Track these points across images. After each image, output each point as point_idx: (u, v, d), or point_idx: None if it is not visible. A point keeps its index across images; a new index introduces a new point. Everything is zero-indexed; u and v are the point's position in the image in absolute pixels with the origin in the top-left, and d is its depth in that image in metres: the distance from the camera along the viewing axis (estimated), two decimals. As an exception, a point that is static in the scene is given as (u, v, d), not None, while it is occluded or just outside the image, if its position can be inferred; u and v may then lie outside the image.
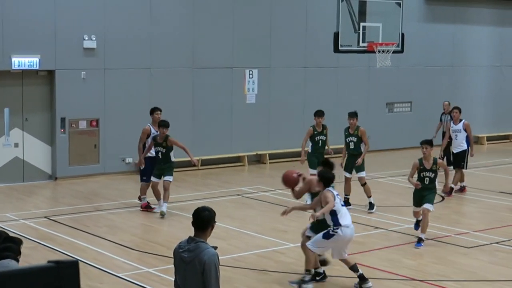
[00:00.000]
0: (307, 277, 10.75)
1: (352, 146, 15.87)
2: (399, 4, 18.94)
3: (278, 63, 22.37)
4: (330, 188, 10.58)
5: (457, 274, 11.51)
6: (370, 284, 10.62)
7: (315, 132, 16.42)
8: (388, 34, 18.72)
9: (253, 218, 15.05)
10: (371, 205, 15.64)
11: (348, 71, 23.75)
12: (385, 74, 23.81)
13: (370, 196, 15.65)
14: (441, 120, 21.58)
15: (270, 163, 22.00)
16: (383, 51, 18.52)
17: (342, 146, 16.19)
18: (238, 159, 21.84)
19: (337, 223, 10.43)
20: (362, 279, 10.66)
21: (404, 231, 13.99)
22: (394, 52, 18.76)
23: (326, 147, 16.57)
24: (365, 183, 15.70)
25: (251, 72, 21.89)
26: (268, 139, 22.17)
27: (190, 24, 20.77)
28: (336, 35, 18.05)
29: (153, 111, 16.14)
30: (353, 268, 10.71)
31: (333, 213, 10.43)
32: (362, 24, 18.40)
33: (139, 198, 15.90)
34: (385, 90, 24.73)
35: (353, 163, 15.74)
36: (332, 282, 11.06)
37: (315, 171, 14.81)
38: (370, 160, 13.69)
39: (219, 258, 6.56)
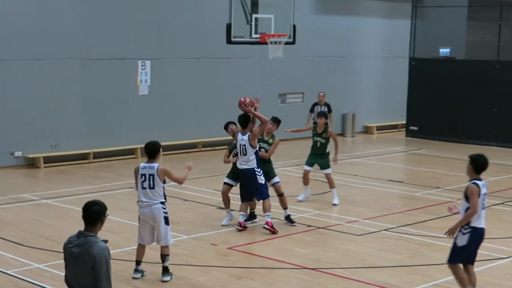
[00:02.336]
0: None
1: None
2: (290, -4, 19.11)
3: (171, 54, 22.26)
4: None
5: (348, 261, 11.75)
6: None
7: (314, 132, 15.87)
8: (280, 26, 18.86)
9: (146, 211, 14.94)
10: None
11: (241, 62, 23.87)
12: (277, 65, 24.04)
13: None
14: (312, 110, 21.93)
15: (163, 155, 21.82)
16: (275, 43, 18.66)
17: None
18: (131, 151, 21.65)
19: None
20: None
21: (296, 220, 14.16)
22: (286, 43, 18.91)
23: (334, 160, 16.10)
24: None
25: (143, 64, 21.71)
26: (161, 131, 22.04)
27: (81, 15, 20.41)
28: (229, 27, 18.06)
29: None
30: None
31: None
32: (254, 15, 18.47)
33: None
34: (277, 81, 24.99)
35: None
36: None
37: (307, 168, 15.79)
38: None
39: (110, 252, 6.51)
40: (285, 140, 24.19)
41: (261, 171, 13.38)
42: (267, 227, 13.25)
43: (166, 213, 10.61)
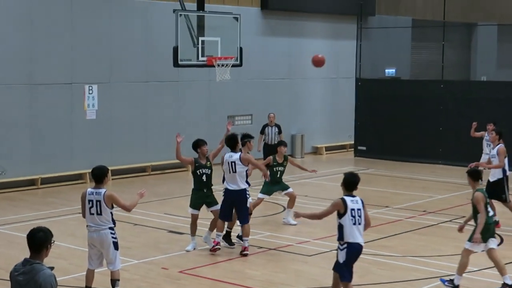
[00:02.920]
0: None
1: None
2: (236, 19, 19.22)
3: (118, 78, 22.17)
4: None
5: (300, 282, 11.78)
6: None
7: (275, 163, 15.76)
8: (227, 48, 18.94)
9: (96, 236, 14.78)
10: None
11: (189, 85, 23.86)
12: (225, 88, 24.08)
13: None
14: (263, 132, 22.02)
15: (112, 179, 21.70)
16: (222, 65, 18.73)
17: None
18: (79, 176, 21.44)
19: None
20: None
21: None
22: (233, 65, 19.00)
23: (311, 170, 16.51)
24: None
25: (90, 88, 21.57)
26: (110, 155, 21.89)
27: (26, 39, 20.23)
28: (176, 50, 18.09)
29: None
30: None
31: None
32: (201, 38, 18.53)
33: None
34: (226, 103, 25.03)
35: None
36: None
37: (263, 196, 15.64)
38: (214, 173, 13.76)
39: (60, 278, 6.43)
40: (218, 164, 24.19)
41: (249, 194, 13.45)
42: (247, 253, 13.21)
43: (115, 238, 10.50)
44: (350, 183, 9.75)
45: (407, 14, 31.22)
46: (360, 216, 9.65)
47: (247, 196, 13.31)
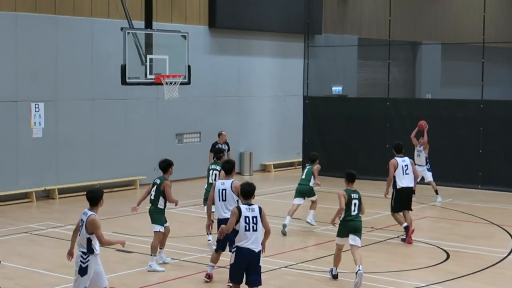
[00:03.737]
0: None
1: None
2: (184, 37, 19.25)
3: (64, 96, 21.97)
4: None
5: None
6: None
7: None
8: (175, 66, 18.95)
9: (42, 255, 14.59)
10: None
11: (137, 103, 23.76)
12: (174, 106, 24.05)
13: None
14: (213, 150, 21.90)
15: (59, 198, 21.49)
16: (171, 83, 18.72)
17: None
18: (25, 195, 21.15)
19: None
20: None
21: (196, 260, 14.11)
22: (182, 83, 19.01)
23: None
24: None
25: (37, 106, 21.34)
26: (57, 174, 21.67)
27: (-30, 56, 19.97)
28: (124, 68, 18.04)
29: None
30: None
31: None
32: (149, 56, 18.52)
33: None
34: (174, 121, 24.98)
35: None
36: None
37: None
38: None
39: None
40: (181, 180, 24.15)
41: None
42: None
43: (83, 263, 10.17)
44: (246, 192, 10.55)
45: (353, 33, 31.58)
46: (255, 223, 10.36)
47: None
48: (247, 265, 10.43)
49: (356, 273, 12.22)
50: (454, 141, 24.18)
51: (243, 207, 10.41)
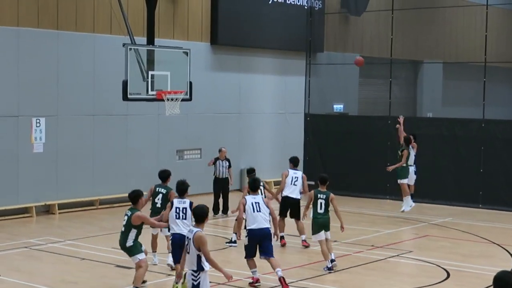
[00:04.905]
0: None
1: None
2: (186, 53, 19.30)
3: (65, 111, 21.98)
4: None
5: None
6: None
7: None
8: (177, 82, 18.99)
9: (42, 271, 14.56)
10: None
11: (138, 118, 23.77)
12: (175, 122, 24.06)
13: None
14: (214, 164, 21.86)
15: (59, 213, 21.46)
16: (172, 99, 18.74)
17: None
18: (25, 210, 21.12)
19: None
20: None
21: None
22: (183, 100, 19.03)
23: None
24: None
25: (38, 121, 21.36)
26: (57, 189, 21.66)
27: (-28, 71, 20.01)
28: (125, 83, 18.06)
29: None
30: None
31: None
32: (150, 72, 18.56)
33: None
34: (175, 137, 24.98)
35: None
36: None
37: None
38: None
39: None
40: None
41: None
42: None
43: (194, 281, 9.69)
44: (179, 190, 12.64)
45: (354, 51, 31.63)
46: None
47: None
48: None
49: (331, 261, 14.49)
50: (455, 160, 24.17)
51: (176, 201, 12.57)
